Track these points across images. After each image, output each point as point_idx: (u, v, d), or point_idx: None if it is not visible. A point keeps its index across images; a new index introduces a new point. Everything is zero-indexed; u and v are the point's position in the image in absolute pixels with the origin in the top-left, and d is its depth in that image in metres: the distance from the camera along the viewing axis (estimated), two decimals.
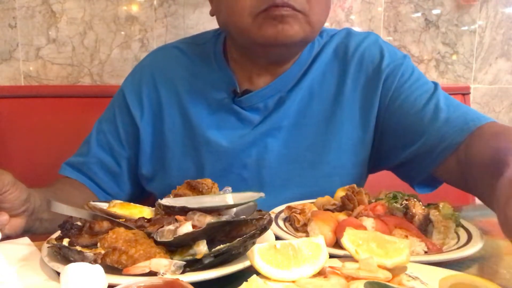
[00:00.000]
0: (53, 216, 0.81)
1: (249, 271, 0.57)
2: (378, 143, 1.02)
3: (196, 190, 0.79)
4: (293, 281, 0.56)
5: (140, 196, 1.11)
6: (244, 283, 0.51)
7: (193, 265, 0.60)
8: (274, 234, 0.72)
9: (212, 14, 1.01)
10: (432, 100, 0.94)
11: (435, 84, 0.98)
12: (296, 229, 0.79)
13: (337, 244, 0.71)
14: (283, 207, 0.86)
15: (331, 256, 0.62)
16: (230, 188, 0.79)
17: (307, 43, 0.99)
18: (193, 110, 1.03)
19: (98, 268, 0.55)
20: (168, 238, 0.63)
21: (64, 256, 0.63)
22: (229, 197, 0.75)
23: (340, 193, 0.85)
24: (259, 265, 0.57)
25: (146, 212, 0.78)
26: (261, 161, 0.99)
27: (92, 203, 0.77)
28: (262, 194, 0.74)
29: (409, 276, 0.59)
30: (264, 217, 0.64)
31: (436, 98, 0.94)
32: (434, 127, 0.91)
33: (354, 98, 1.01)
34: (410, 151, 0.95)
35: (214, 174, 0.97)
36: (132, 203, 0.79)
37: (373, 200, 0.83)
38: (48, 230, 0.83)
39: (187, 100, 1.03)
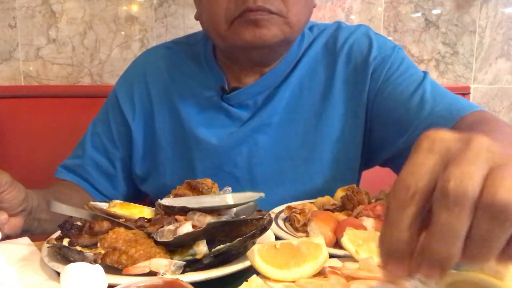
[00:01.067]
0: (52, 216, 0.81)
1: (249, 271, 0.57)
2: (368, 137, 1.01)
3: (196, 190, 0.79)
4: (293, 281, 0.56)
5: (137, 197, 1.11)
6: (244, 283, 0.51)
7: (193, 265, 0.60)
8: (274, 234, 0.72)
9: (196, 18, 1.01)
10: (419, 90, 0.92)
11: (424, 73, 0.96)
12: (296, 229, 0.79)
13: (337, 244, 0.71)
14: (283, 207, 0.86)
15: (331, 256, 0.62)
16: (230, 188, 0.79)
17: (290, 43, 0.98)
18: (183, 109, 1.02)
19: (98, 268, 0.55)
20: (168, 238, 0.63)
21: (64, 256, 0.63)
22: (229, 197, 0.75)
23: (340, 193, 0.85)
24: (259, 265, 0.57)
25: (146, 212, 0.78)
26: (252, 159, 0.99)
27: (92, 203, 0.77)
28: (262, 194, 0.74)
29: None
30: (264, 217, 0.64)
31: (423, 88, 0.92)
32: (420, 118, 0.89)
33: (343, 91, 0.99)
34: (398, 144, 0.93)
35: (206, 173, 0.96)
36: (132, 203, 0.79)
37: (373, 200, 0.83)
38: (47, 230, 0.83)
39: (177, 99, 1.03)
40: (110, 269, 0.59)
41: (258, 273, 0.56)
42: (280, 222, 0.81)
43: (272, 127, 0.99)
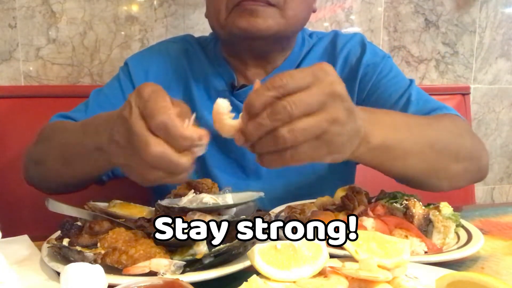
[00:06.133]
0: None
1: (249, 271, 0.57)
2: None
3: (196, 190, 0.79)
4: (294, 281, 0.56)
5: None
6: (244, 283, 0.51)
7: (193, 265, 0.60)
8: None
9: (206, 16, 1.06)
10: (405, 94, 0.99)
11: (411, 81, 1.03)
12: None
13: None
14: (283, 207, 0.86)
15: (331, 256, 0.62)
16: (230, 188, 0.79)
17: (286, 38, 1.01)
18: (197, 94, 1.06)
19: (98, 268, 0.55)
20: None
21: (64, 256, 0.63)
22: (229, 197, 0.75)
23: (340, 193, 0.85)
24: (259, 265, 0.57)
25: (146, 212, 0.78)
26: None
27: (92, 203, 0.77)
28: (261, 194, 0.75)
29: (409, 276, 0.59)
30: (264, 217, 0.64)
31: (409, 93, 0.99)
32: None
33: None
34: None
35: (214, 157, 1.02)
36: (132, 203, 0.79)
37: (373, 200, 0.83)
38: None
39: (193, 84, 1.07)
40: (110, 269, 0.59)
41: (258, 273, 0.56)
42: None
43: None
